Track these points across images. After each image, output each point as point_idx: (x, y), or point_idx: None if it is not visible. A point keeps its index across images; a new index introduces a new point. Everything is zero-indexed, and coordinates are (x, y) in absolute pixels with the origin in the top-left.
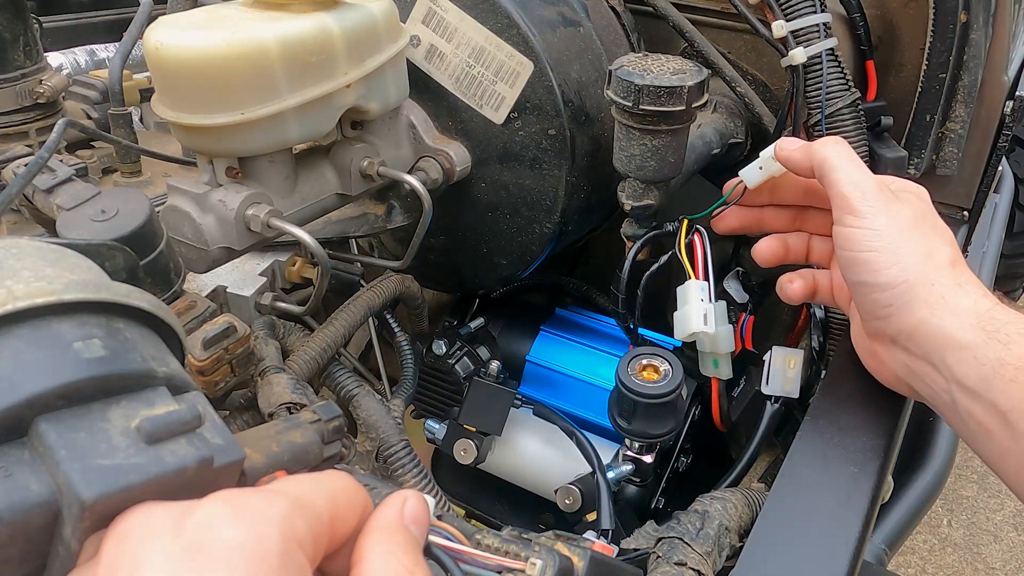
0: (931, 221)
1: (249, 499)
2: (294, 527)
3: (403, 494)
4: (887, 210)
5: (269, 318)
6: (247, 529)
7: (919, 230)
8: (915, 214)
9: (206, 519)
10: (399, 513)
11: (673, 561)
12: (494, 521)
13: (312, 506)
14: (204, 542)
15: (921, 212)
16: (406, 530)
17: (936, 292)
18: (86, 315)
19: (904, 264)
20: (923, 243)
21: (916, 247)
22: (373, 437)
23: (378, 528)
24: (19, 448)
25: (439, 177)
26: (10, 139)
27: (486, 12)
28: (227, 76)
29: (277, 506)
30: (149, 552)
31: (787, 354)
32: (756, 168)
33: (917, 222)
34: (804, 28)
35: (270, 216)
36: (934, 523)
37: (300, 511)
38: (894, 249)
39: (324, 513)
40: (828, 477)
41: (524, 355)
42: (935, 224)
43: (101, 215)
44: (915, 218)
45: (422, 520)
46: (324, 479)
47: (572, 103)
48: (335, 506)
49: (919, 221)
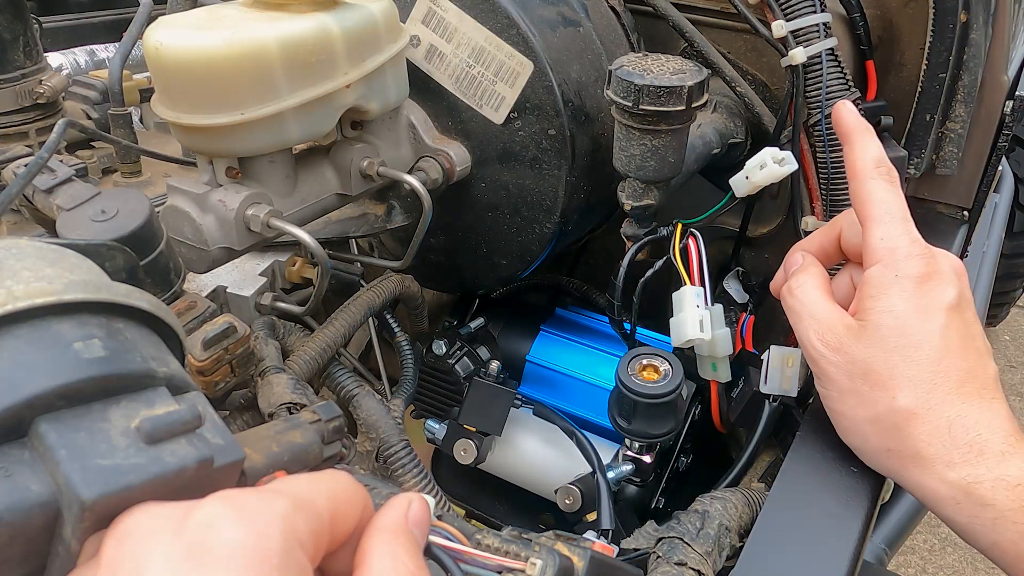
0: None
1: (250, 499)
2: (295, 527)
3: (407, 496)
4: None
5: (269, 318)
6: (248, 529)
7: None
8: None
9: (207, 519)
10: (403, 515)
11: (673, 561)
12: (494, 521)
13: (312, 505)
14: (205, 542)
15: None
16: (409, 533)
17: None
18: (86, 315)
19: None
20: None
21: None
22: (373, 437)
23: (383, 529)
24: (19, 448)
25: (439, 177)
26: (10, 139)
27: (486, 12)
28: (227, 76)
29: (277, 506)
30: (150, 552)
31: (785, 353)
32: (743, 178)
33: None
34: (804, 28)
35: (270, 216)
36: (934, 523)
37: (300, 511)
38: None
39: (324, 512)
40: (828, 477)
41: (524, 355)
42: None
43: (101, 215)
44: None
45: (424, 523)
46: (324, 479)
47: (572, 103)
48: (335, 505)
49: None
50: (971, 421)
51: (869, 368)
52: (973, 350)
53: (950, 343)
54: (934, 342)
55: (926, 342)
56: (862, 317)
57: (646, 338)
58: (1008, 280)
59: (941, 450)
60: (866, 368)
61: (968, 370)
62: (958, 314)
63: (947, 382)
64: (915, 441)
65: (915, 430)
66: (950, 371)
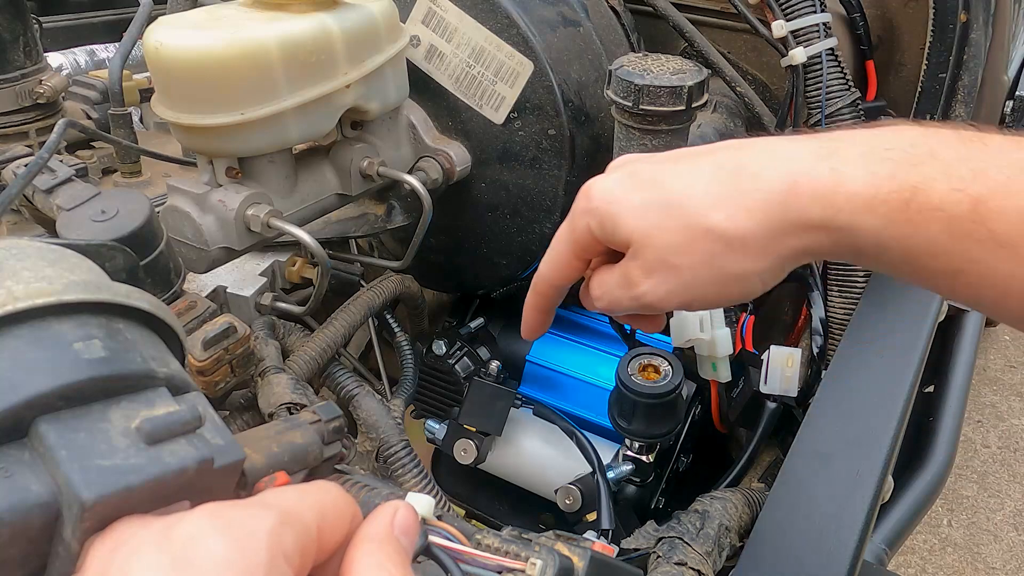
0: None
1: (236, 513)
2: (281, 541)
3: (393, 504)
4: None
5: (269, 318)
6: (233, 543)
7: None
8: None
9: (192, 532)
10: (389, 523)
11: (673, 561)
12: (494, 521)
13: (300, 519)
14: (190, 556)
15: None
16: (396, 541)
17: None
18: (86, 315)
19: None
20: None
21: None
22: (373, 437)
23: (368, 538)
24: (19, 449)
25: (439, 177)
26: (10, 139)
27: (486, 12)
28: (227, 76)
29: (264, 520)
30: (134, 565)
31: (785, 353)
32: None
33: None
34: (804, 28)
35: (270, 216)
36: (934, 523)
37: (287, 524)
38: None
39: (312, 525)
40: (828, 477)
41: (524, 355)
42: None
43: (101, 215)
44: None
45: (412, 531)
46: (312, 490)
47: (572, 103)
48: (323, 518)
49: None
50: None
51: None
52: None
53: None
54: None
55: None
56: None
57: (646, 338)
58: None
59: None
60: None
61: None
62: None
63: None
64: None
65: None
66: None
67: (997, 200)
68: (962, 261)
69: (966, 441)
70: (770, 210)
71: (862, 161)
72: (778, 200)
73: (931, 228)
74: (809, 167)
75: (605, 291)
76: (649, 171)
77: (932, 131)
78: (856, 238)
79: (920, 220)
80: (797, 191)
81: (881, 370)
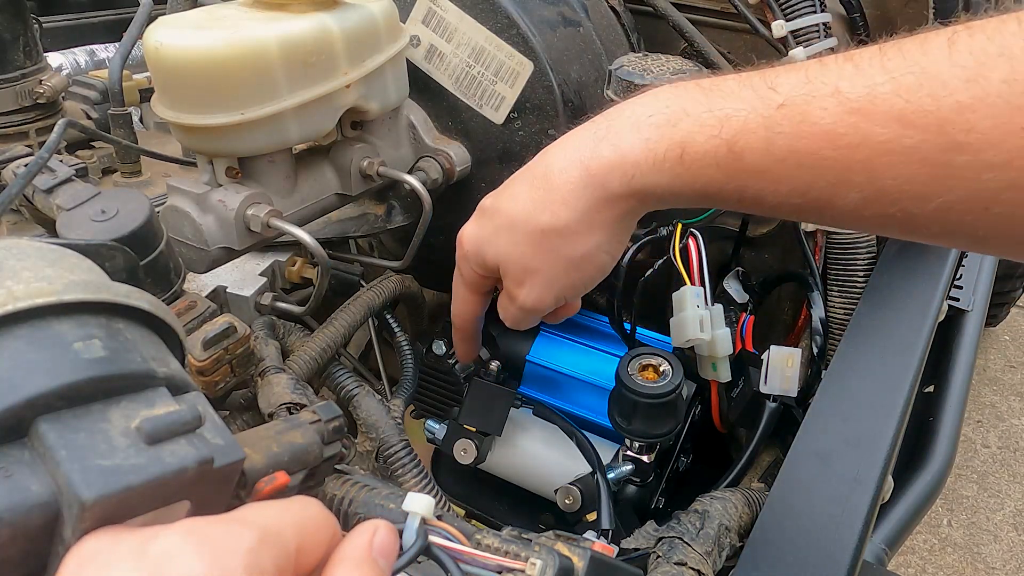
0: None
1: (214, 529)
2: (259, 560)
3: (373, 524)
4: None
5: (269, 318)
6: (210, 562)
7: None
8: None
9: (169, 550)
10: (367, 544)
11: (673, 561)
12: (494, 521)
13: (279, 537)
14: (166, 574)
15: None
16: (374, 562)
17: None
18: (86, 315)
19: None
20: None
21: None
22: (373, 437)
23: (345, 559)
24: (19, 449)
25: (439, 177)
26: (10, 139)
27: (486, 12)
28: (227, 76)
29: (242, 539)
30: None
31: (785, 353)
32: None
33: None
34: (804, 28)
35: (270, 216)
36: (934, 523)
37: (266, 543)
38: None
39: (291, 543)
40: (828, 477)
41: (524, 355)
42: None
43: (101, 215)
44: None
45: (390, 552)
46: (293, 507)
47: (572, 103)
48: (302, 536)
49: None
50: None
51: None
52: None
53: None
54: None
55: None
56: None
57: (646, 338)
58: (1008, 280)
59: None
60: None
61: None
62: None
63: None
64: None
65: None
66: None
67: (741, 140)
68: (738, 189)
69: (966, 441)
70: (579, 195)
71: (633, 132)
72: (581, 185)
73: (707, 171)
74: (592, 151)
75: (503, 310)
76: (491, 203)
77: (680, 89)
78: (655, 192)
79: (697, 168)
80: (592, 173)
81: (881, 370)
